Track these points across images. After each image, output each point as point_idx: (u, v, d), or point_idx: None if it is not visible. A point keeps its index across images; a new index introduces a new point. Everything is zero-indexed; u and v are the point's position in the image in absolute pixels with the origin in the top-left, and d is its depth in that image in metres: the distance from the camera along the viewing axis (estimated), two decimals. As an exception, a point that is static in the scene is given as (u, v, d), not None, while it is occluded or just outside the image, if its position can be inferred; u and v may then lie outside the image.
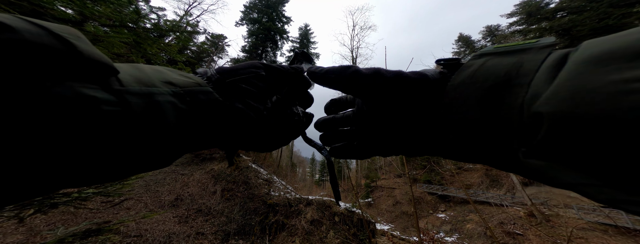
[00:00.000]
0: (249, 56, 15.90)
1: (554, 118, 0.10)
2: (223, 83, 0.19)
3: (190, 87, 0.16)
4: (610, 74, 0.09)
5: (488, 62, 0.14)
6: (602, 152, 0.08)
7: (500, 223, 9.38)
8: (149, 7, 1.85)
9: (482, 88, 0.14)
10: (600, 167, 0.09)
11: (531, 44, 0.14)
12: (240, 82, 0.20)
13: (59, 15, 1.06)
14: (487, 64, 0.14)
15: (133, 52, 1.46)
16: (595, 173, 0.09)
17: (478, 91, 0.14)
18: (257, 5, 16.59)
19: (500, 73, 0.13)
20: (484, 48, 0.16)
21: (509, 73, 0.13)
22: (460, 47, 22.41)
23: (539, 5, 12.25)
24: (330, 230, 4.96)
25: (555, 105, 0.10)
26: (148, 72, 0.15)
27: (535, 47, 0.13)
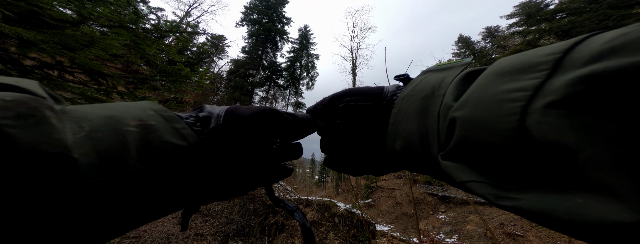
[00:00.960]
0: (249, 57, 15.90)
1: (462, 123, 0.11)
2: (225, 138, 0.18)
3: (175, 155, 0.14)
4: (501, 85, 0.10)
5: (427, 78, 0.17)
6: (486, 154, 0.10)
7: (501, 224, 9.36)
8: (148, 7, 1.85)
9: (417, 99, 0.16)
10: (484, 166, 0.10)
11: (457, 63, 0.17)
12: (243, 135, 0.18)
13: (57, 16, 1.05)
14: (425, 79, 0.17)
15: (132, 53, 1.45)
16: (480, 171, 0.10)
17: (415, 102, 0.16)
18: (257, 6, 16.61)
19: (429, 86, 0.16)
20: (430, 67, 0.19)
21: (434, 86, 0.15)
22: (460, 48, 22.46)
23: (538, 6, 12.31)
24: (330, 231, 4.94)
25: (464, 111, 0.11)
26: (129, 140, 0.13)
27: (457, 65, 0.17)
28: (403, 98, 0.17)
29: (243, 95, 13.93)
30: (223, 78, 17.18)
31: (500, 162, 0.09)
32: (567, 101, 0.07)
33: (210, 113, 0.19)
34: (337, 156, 0.23)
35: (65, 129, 0.10)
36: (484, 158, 0.10)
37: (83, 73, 1.32)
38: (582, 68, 0.08)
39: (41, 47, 1.00)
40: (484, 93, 0.11)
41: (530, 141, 0.08)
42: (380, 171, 0.21)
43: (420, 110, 0.15)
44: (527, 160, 0.08)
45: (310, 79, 18.35)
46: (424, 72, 0.19)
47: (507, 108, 0.09)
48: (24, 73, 1.13)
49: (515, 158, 0.09)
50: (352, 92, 0.21)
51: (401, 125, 0.16)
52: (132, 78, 1.56)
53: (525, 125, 0.08)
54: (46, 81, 1.20)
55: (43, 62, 1.20)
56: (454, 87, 0.13)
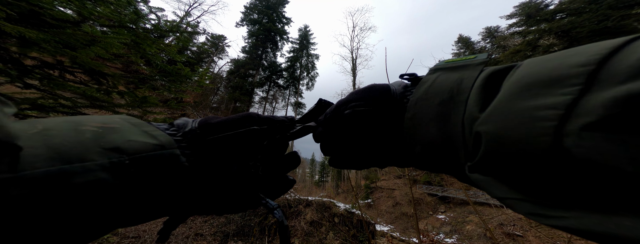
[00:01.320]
0: (249, 56, 15.90)
1: (489, 138, 0.10)
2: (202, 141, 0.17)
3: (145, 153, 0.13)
4: (529, 100, 0.09)
5: (439, 78, 0.16)
6: (521, 172, 0.09)
7: (500, 224, 9.37)
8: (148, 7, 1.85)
9: (434, 105, 0.15)
10: (520, 184, 0.10)
11: (470, 61, 0.16)
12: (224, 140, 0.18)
13: (57, 16, 1.05)
14: (438, 80, 0.16)
15: (132, 53, 1.45)
16: (516, 189, 0.10)
17: (431, 107, 0.15)
18: (257, 6, 16.62)
19: (446, 89, 0.15)
20: (438, 63, 0.18)
21: (452, 90, 0.14)
22: (460, 48, 22.48)
23: (538, 6, 12.33)
24: (329, 231, 4.95)
25: (490, 126, 0.11)
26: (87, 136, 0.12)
27: (472, 64, 0.15)
28: (416, 101, 0.16)
29: (243, 95, 13.92)
30: (223, 78, 17.17)
31: (537, 180, 0.09)
32: (607, 123, 0.07)
33: (185, 121, 0.19)
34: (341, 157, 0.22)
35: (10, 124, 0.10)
36: (518, 176, 0.10)
37: (84, 73, 1.32)
38: (621, 86, 0.07)
39: (42, 47, 1.00)
40: (510, 107, 0.10)
41: (570, 161, 0.08)
42: (384, 165, 0.21)
43: (439, 116, 0.14)
44: (567, 179, 0.08)
45: (310, 79, 18.36)
46: (433, 69, 0.17)
47: (539, 127, 0.09)
48: (25, 72, 1.13)
49: (554, 177, 0.08)
50: (357, 96, 0.20)
51: (418, 130, 0.15)
52: (133, 77, 1.56)
53: (563, 145, 0.08)
54: (46, 80, 1.20)
55: (43, 62, 1.21)
56: (477, 94, 0.13)
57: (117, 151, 0.12)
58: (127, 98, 1.50)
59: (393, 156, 0.19)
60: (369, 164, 0.21)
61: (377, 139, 0.19)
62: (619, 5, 8.72)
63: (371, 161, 0.21)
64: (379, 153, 0.20)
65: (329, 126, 0.22)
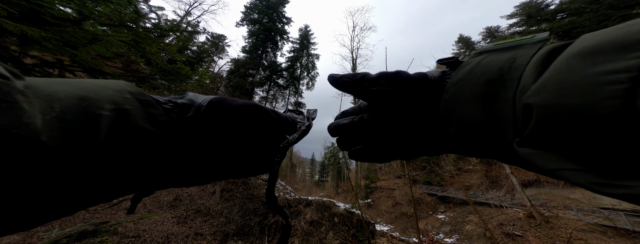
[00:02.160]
0: (249, 56, 15.89)
1: (542, 109, 0.10)
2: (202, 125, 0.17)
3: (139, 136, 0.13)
4: (594, 66, 0.09)
5: (485, 59, 0.15)
6: (580, 140, 0.09)
7: (500, 224, 9.36)
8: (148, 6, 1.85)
9: (478, 84, 0.14)
10: (577, 153, 0.09)
11: (527, 40, 0.15)
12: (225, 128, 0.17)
13: (58, 15, 1.05)
14: (483, 61, 0.15)
15: (132, 52, 1.45)
16: (574, 159, 0.10)
17: (475, 87, 0.14)
18: (257, 6, 16.61)
19: (494, 68, 0.14)
20: (483, 46, 0.17)
21: (502, 69, 0.13)
22: (460, 48, 22.45)
23: (539, 6, 12.31)
24: (329, 231, 4.95)
25: (544, 96, 0.10)
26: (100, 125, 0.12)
27: (529, 43, 0.14)
28: (456, 82, 0.15)
29: (243, 95, 13.92)
30: (223, 77, 17.17)
31: (600, 148, 0.09)
32: None
33: (191, 101, 0.18)
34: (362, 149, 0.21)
35: (35, 111, 0.10)
36: (576, 145, 0.09)
37: (83, 72, 1.32)
38: None
39: (43, 45, 1.00)
40: (569, 76, 0.10)
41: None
42: (411, 156, 0.20)
43: (484, 94, 0.13)
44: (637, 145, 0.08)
45: (310, 79, 18.35)
46: (478, 52, 0.16)
47: (607, 91, 0.08)
48: (25, 71, 1.13)
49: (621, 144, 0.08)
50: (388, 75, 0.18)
51: (456, 110, 0.15)
52: (133, 77, 1.56)
53: (636, 107, 0.08)
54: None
55: (43, 60, 1.20)
56: (534, 68, 0.12)
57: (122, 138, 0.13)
58: (127, 97, 1.50)
59: (423, 143, 0.18)
60: (396, 156, 0.20)
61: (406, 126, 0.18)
62: (620, 5, 8.70)
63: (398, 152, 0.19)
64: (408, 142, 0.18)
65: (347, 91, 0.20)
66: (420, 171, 13.78)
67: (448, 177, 13.97)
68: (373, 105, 0.20)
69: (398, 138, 0.19)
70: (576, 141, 0.09)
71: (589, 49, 0.10)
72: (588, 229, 7.11)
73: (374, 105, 0.20)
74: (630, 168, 0.08)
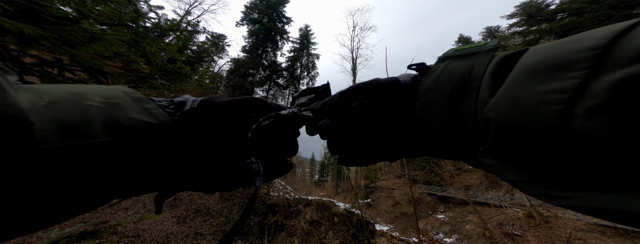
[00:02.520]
0: (249, 56, 15.88)
1: (497, 124, 0.11)
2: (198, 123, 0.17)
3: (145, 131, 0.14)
4: (538, 84, 0.10)
5: (448, 66, 0.16)
6: (528, 154, 0.10)
7: (499, 224, 9.37)
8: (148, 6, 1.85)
9: (445, 93, 0.15)
10: (528, 166, 0.10)
11: (480, 47, 0.16)
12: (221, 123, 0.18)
13: (57, 14, 1.05)
14: (447, 68, 0.16)
15: (132, 51, 1.45)
16: (526, 171, 0.10)
17: (442, 95, 0.15)
18: (257, 6, 16.59)
19: (457, 77, 0.15)
20: (447, 51, 0.18)
21: (463, 78, 0.14)
22: (460, 48, 22.35)
23: (539, 6, 12.30)
24: (329, 231, 4.95)
25: (498, 112, 0.11)
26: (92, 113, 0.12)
27: (483, 51, 0.15)
28: (426, 90, 0.16)
29: (243, 95, 13.87)
30: (223, 77, 17.15)
31: (545, 162, 0.09)
32: (611, 105, 0.07)
33: (186, 99, 0.19)
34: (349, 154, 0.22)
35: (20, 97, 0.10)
36: (526, 159, 0.10)
37: (83, 71, 1.32)
38: (625, 69, 0.07)
39: (41, 44, 1.00)
40: (519, 92, 0.10)
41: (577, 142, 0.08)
42: (394, 158, 0.21)
43: (450, 103, 0.14)
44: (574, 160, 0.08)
45: (310, 79, 18.34)
46: (441, 58, 0.17)
47: (547, 110, 0.09)
48: (24, 70, 1.13)
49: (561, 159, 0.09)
50: (364, 87, 0.19)
51: (429, 119, 0.16)
52: (132, 76, 1.56)
53: (570, 127, 0.08)
54: (46, 78, 1.20)
55: (43, 60, 1.20)
56: (489, 80, 0.13)
57: (119, 128, 0.13)
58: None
59: (403, 147, 0.19)
60: (379, 158, 0.21)
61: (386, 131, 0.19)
62: (620, 6, 8.70)
63: (381, 155, 0.20)
64: (389, 145, 0.19)
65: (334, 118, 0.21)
66: (420, 171, 13.79)
67: (448, 177, 13.99)
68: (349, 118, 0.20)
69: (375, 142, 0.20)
70: (526, 155, 0.10)
71: (534, 66, 0.10)
72: (587, 229, 7.13)
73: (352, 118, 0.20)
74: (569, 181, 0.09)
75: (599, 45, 0.09)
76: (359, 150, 0.21)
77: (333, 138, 0.22)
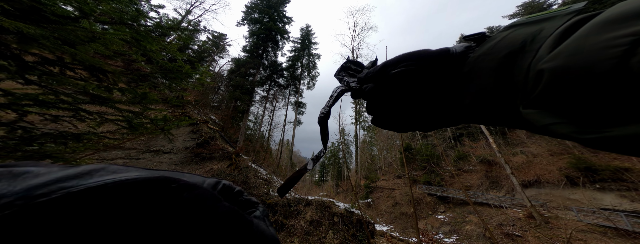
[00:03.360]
0: (250, 56, 15.89)
1: (551, 72, 0.11)
2: None
3: None
4: (607, 33, 0.10)
5: (512, 33, 0.15)
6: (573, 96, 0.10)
7: (500, 225, 9.36)
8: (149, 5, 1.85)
9: (499, 57, 0.14)
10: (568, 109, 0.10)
11: (560, 11, 0.14)
12: None
13: (58, 12, 1.05)
14: (510, 35, 0.15)
15: (133, 50, 1.45)
16: (563, 114, 0.10)
17: (494, 60, 0.14)
18: (258, 6, 16.58)
19: (518, 41, 0.14)
20: (516, 20, 0.16)
21: (525, 41, 0.13)
22: (462, 48, 22.29)
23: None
24: (329, 230, 4.96)
25: (556, 62, 0.11)
26: None
27: (561, 14, 0.14)
28: (477, 57, 0.15)
29: (243, 94, 13.93)
30: (223, 77, 17.17)
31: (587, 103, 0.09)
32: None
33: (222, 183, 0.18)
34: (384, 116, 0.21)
35: None
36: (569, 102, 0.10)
37: (84, 70, 1.32)
38: None
39: (41, 43, 1.00)
40: (584, 42, 0.10)
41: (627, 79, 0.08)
42: (429, 128, 0.20)
43: (501, 65, 0.14)
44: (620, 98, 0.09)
45: (311, 79, 18.33)
46: (508, 26, 0.16)
47: (609, 53, 0.09)
48: (25, 69, 1.13)
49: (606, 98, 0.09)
50: (410, 56, 0.18)
51: (473, 82, 0.15)
52: (133, 75, 1.56)
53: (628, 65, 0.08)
54: (47, 77, 1.20)
55: (44, 58, 1.21)
56: (553, 39, 0.12)
57: None
58: (127, 95, 1.50)
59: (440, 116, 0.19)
60: (413, 127, 0.21)
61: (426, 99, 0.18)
62: (623, 5, 8.62)
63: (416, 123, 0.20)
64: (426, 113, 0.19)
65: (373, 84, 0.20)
66: (420, 171, 13.76)
67: (448, 177, 13.95)
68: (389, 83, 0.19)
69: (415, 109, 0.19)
70: (571, 98, 0.10)
71: (608, 18, 0.10)
72: (588, 230, 7.10)
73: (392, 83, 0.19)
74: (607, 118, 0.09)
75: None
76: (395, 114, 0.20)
77: (372, 100, 0.21)
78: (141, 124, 1.62)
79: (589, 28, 0.11)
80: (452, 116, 0.18)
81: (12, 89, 1.16)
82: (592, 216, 7.69)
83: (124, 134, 1.69)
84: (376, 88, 0.20)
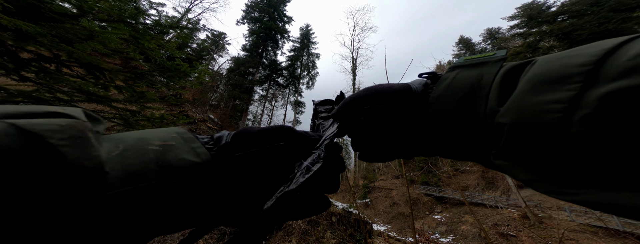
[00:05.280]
0: (249, 55, 15.82)
1: (509, 129, 0.12)
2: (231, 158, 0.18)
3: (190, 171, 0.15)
4: (540, 95, 0.11)
5: (459, 75, 0.17)
6: (537, 156, 0.11)
7: (495, 225, 9.47)
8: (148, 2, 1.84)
9: (455, 100, 0.16)
10: (537, 166, 0.12)
11: (489, 57, 0.17)
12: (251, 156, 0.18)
13: (57, 10, 1.05)
14: (458, 77, 0.17)
15: (131, 48, 1.45)
16: (536, 171, 0.12)
17: (453, 102, 0.16)
18: (258, 4, 16.48)
19: (466, 85, 0.16)
20: (457, 61, 0.19)
21: (472, 86, 0.16)
22: (461, 49, 22.47)
23: (540, 8, 12.31)
24: (327, 230, 4.99)
25: (509, 118, 0.12)
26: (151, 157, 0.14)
27: (491, 61, 0.17)
28: (437, 97, 0.18)
29: (242, 93, 13.87)
30: (222, 75, 17.08)
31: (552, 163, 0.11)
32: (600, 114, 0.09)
33: (222, 134, 0.20)
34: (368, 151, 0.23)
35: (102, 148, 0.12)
36: (535, 160, 0.11)
37: (81, 67, 1.32)
38: (612, 83, 0.09)
39: (38, 40, 1.00)
40: (524, 101, 0.12)
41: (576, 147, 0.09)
42: (410, 156, 0.22)
43: (460, 109, 0.16)
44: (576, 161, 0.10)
45: (310, 78, 18.30)
46: (452, 67, 0.19)
47: (549, 118, 0.10)
48: (21, 65, 1.13)
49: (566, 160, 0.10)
50: (377, 92, 0.21)
51: (440, 123, 0.17)
52: (131, 73, 1.56)
53: (570, 132, 0.09)
54: (43, 74, 1.20)
55: (40, 55, 1.20)
56: (496, 90, 0.14)
57: (170, 169, 0.14)
58: (124, 93, 1.50)
59: (417, 147, 0.21)
60: (396, 156, 0.22)
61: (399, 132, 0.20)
62: (621, 8, 8.73)
63: (397, 153, 0.22)
64: (403, 145, 0.21)
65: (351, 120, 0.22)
66: (418, 172, 13.85)
67: (445, 178, 14.06)
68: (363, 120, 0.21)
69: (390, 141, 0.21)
70: (534, 156, 0.11)
71: (537, 77, 0.12)
72: (580, 230, 7.22)
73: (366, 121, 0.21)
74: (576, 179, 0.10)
75: (591, 61, 0.10)
76: (376, 148, 0.22)
77: (353, 137, 0.23)
78: (138, 122, 1.62)
79: (524, 86, 0.12)
80: (429, 148, 0.20)
81: (5, 85, 1.15)
82: (584, 216, 7.82)
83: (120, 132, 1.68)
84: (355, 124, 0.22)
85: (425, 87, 0.20)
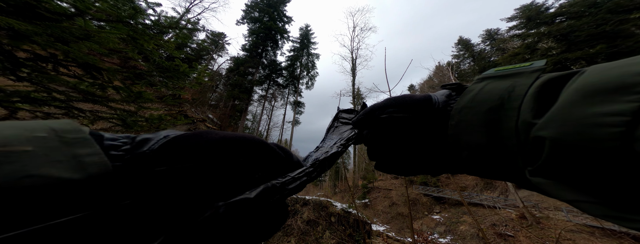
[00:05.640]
0: (249, 55, 15.78)
1: (552, 143, 0.11)
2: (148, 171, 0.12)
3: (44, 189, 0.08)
4: (592, 106, 0.10)
5: (487, 86, 0.16)
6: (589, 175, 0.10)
7: (493, 225, 9.51)
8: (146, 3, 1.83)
9: (481, 112, 0.15)
10: (588, 187, 0.10)
11: (525, 68, 0.15)
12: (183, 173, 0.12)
13: (53, 9, 1.03)
14: (486, 88, 0.16)
15: (129, 48, 1.43)
16: (586, 192, 0.10)
17: (478, 114, 0.15)
18: (258, 4, 16.46)
19: (495, 97, 0.15)
20: (486, 72, 0.18)
21: (502, 97, 0.14)
22: (460, 50, 22.57)
23: (539, 9, 12.38)
24: (326, 230, 4.98)
25: (553, 131, 0.11)
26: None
27: (527, 71, 0.15)
28: (461, 109, 0.16)
29: (242, 93, 13.83)
30: (222, 75, 17.03)
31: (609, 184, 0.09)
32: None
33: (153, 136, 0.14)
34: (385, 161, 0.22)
35: None
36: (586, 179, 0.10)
37: (78, 67, 1.30)
38: None
39: (33, 40, 0.99)
40: (571, 113, 0.10)
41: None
42: (437, 173, 0.21)
43: (488, 122, 0.14)
44: None
45: (310, 78, 18.30)
46: (480, 78, 0.17)
47: (606, 132, 0.09)
48: (17, 65, 1.11)
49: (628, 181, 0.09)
50: (396, 102, 0.20)
51: (464, 137, 0.15)
52: (129, 73, 1.55)
53: (634, 149, 0.08)
54: (39, 73, 1.19)
55: (37, 55, 1.19)
56: (531, 101, 0.13)
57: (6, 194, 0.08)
58: (122, 93, 1.49)
59: (442, 163, 0.19)
60: (418, 171, 0.21)
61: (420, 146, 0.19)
62: (618, 10, 8.79)
63: (420, 168, 0.20)
64: (425, 159, 0.20)
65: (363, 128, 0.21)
66: (417, 172, 13.79)
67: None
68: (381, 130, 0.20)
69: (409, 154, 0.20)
70: (585, 175, 0.10)
71: (589, 87, 0.10)
72: (576, 230, 7.27)
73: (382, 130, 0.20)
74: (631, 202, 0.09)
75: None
76: (393, 159, 0.21)
77: (369, 146, 0.22)
78: (135, 122, 1.61)
79: (571, 96, 0.11)
80: (453, 165, 0.19)
81: (4, 86, 1.14)
82: (581, 216, 7.87)
83: (118, 132, 1.67)
84: (372, 133, 0.21)
85: (448, 98, 0.19)
